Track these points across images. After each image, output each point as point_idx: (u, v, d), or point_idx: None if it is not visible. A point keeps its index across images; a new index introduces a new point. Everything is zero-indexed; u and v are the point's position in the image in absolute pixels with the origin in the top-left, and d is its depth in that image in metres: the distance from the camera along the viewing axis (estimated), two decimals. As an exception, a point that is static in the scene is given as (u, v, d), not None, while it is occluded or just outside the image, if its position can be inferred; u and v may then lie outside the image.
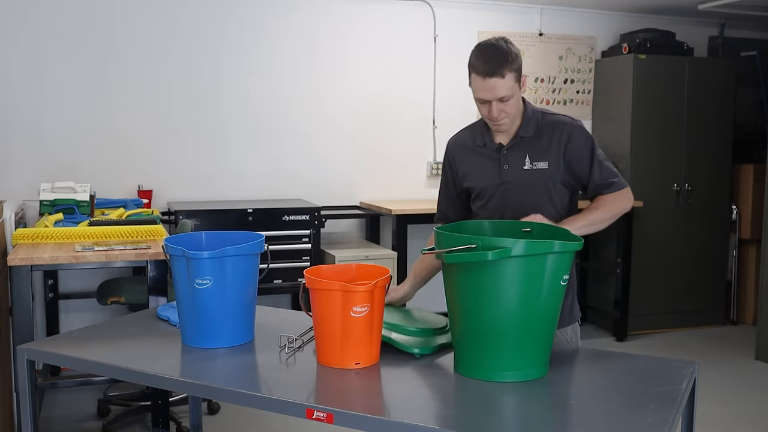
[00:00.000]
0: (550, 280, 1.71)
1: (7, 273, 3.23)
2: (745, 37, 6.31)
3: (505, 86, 2.17)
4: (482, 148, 2.37)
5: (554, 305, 1.77)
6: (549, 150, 2.29)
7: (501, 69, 2.15)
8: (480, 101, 2.23)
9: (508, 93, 2.18)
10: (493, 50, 2.18)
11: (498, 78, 2.16)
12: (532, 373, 1.76)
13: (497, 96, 2.18)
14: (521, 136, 2.31)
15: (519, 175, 2.30)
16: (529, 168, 2.29)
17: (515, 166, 2.31)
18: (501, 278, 1.69)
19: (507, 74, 2.16)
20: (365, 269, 1.98)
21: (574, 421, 1.55)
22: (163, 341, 2.12)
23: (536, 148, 2.30)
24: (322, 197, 5.15)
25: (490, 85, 2.17)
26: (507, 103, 2.21)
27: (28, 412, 2.00)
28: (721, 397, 4.27)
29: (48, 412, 3.99)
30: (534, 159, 2.30)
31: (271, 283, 4.49)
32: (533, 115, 2.32)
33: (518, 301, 1.71)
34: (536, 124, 2.31)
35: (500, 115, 2.22)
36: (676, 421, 1.57)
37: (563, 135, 2.29)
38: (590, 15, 5.88)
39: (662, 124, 5.55)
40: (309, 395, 1.72)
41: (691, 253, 5.75)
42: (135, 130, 4.76)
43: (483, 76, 2.17)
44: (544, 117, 2.33)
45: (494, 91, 2.17)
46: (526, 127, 2.31)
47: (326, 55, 5.17)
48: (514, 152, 2.31)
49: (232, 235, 2.16)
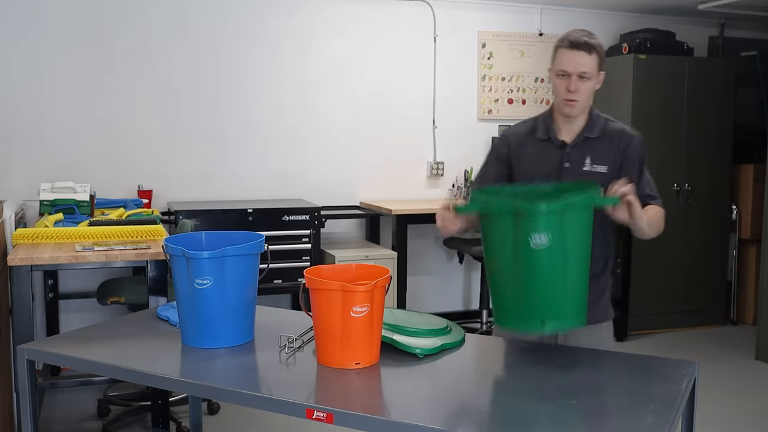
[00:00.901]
0: (514, 236, 1.88)
1: (7, 273, 3.23)
2: (745, 37, 6.31)
3: (588, 63, 2.27)
4: (545, 141, 2.38)
5: (529, 263, 1.88)
6: (609, 155, 2.33)
7: (589, 48, 2.28)
8: (560, 75, 2.30)
9: (589, 70, 2.27)
10: (584, 32, 2.32)
11: (584, 53, 2.27)
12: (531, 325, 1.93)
13: (579, 69, 2.26)
14: (586, 136, 2.34)
15: (579, 175, 2.31)
16: (588, 169, 2.32)
17: (576, 166, 2.33)
18: (487, 232, 1.98)
19: (593, 54, 2.28)
20: (365, 269, 1.98)
21: (574, 420, 1.55)
22: (163, 341, 2.12)
23: (598, 151, 2.34)
24: (322, 197, 5.15)
25: (575, 58, 2.26)
26: (584, 83, 2.28)
27: (28, 412, 2.00)
28: (721, 397, 4.27)
29: (48, 412, 3.99)
30: (595, 161, 2.33)
31: (271, 283, 4.49)
32: (598, 119, 2.38)
33: (500, 255, 1.93)
34: (601, 127, 2.37)
35: (577, 91, 2.28)
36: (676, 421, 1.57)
37: (623, 141, 2.35)
38: (590, 15, 5.88)
39: (662, 124, 5.55)
40: (309, 395, 1.72)
41: (691, 253, 5.75)
42: (135, 130, 4.76)
43: (570, 48, 2.27)
44: (608, 123, 2.40)
45: (578, 65, 2.26)
46: (591, 128, 2.35)
47: (326, 55, 5.17)
48: (577, 151, 2.34)
49: (232, 235, 2.16)
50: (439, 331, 2.07)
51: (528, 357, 2.04)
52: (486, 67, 5.60)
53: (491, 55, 5.60)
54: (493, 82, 5.61)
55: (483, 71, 5.60)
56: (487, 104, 5.63)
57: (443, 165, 5.51)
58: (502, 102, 5.66)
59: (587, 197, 1.96)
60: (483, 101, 5.62)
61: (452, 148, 5.52)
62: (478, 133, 5.57)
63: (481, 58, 5.59)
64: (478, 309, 5.44)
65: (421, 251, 5.47)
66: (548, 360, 2.00)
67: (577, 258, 1.93)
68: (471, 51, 5.55)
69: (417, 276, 5.46)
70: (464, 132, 5.53)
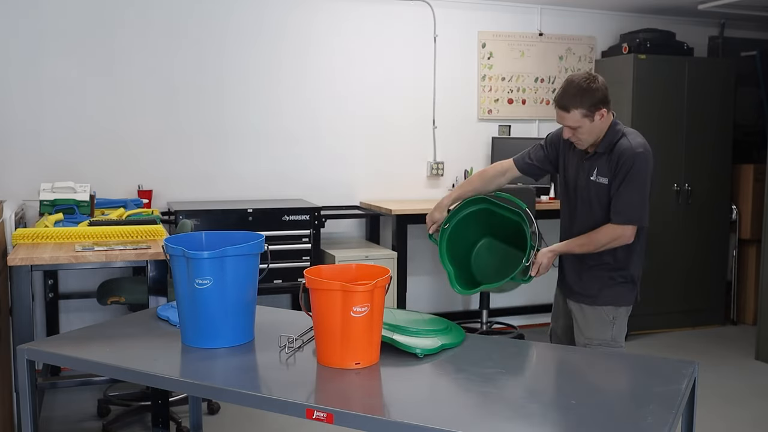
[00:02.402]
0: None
1: (7, 273, 3.23)
2: (745, 37, 6.31)
3: (570, 119, 2.56)
4: (574, 151, 2.75)
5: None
6: (610, 169, 2.63)
7: (567, 104, 2.55)
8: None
9: (574, 125, 2.57)
10: (571, 85, 2.58)
11: (563, 111, 2.57)
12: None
13: (566, 123, 2.60)
14: (596, 151, 2.67)
15: (586, 183, 2.70)
16: (594, 179, 2.67)
17: (587, 174, 2.69)
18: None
19: (572, 110, 2.54)
20: (365, 269, 1.98)
21: (575, 420, 1.55)
22: (163, 341, 2.12)
23: (603, 165, 2.65)
24: (322, 197, 5.15)
25: (559, 114, 2.61)
26: (577, 130, 2.59)
27: (28, 412, 2.00)
28: (721, 397, 4.27)
29: (48, 412, 3.99)
30: (599, 174, 2.66)
31: (271, 283, 4.49)
32: (613, 136, 2.64)
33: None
34: (610, 143, 2.63)
35: (571, 137, 2.63)
36: (676, 421, 1.57)
37: (621, 157, 2.60)
38: (590, 15, 5.88)
39: (662, 124, 5.55)
40: (309, 395, 1.72)
41: (691, 253, 5.74)
42: (135, 130, 4.76)
43: (556, 106, 2.62)
44: (621, 139, 2.64)
45: (562, 120, 2.61)
46: (603, 143, 2.64)
47: (326, 55, 5.17)
48: (590, 163, 2.69)
49: (232, 235, 2.16)
50: (439, 331, 2.07)
51: (528, 357, 2.04)
52: (486, 67, 5.60)
53: (491, 55, 5.59)
54: (493, 82, 5.61)
55: (483, 71, 5.60)
56: (487, 104, 5.63)
57: (443, 165, 5.50)
58: (502, 102, 5.66)
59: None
60: (483, 101, 5.62)
61: (452, 148, 5.52)
62: (478, 133, 5.57)
63: (481, 58, 5.58)
64: (478, 309, 5.43)
65: (421, 251, 5.47)
66: (548, 360, 2.00)
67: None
68: (471, 51, 5.55)
69: (417, 276, 5.46)
70: (464, 132, 5.53)
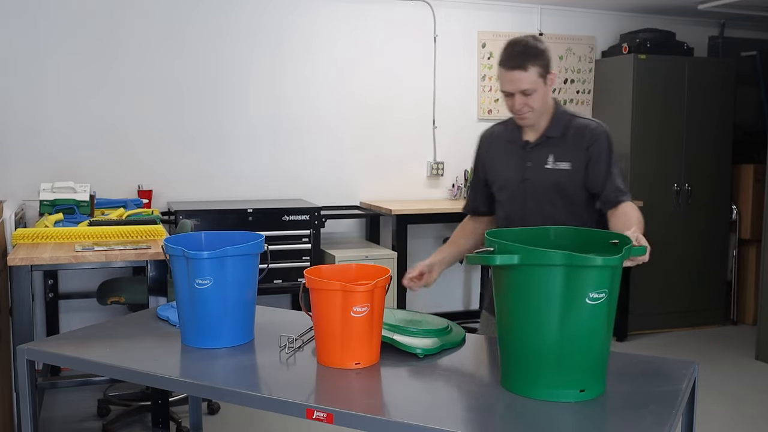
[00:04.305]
0: (568, 294, 1.55)
1: (7, 273, 3.23)
2: (745, 37, 6.31)
3: (527, 79, 2.24)
4: (510, 144, 2.44)
5: (578, 324, 1.57)
6: (573, 152, 2.34)
7: (524, 62, 2.23)
8: (505, 94, 2.32)
9: (530, 86, 2.25)
10: (518, 44, 2.27)
11: (521, 71, 2.23)
12: (564, 394, 1.60)
13: (519, 88, 2.25)
14: (547, 136, 2.36)
15: (540, 173, 2.35)
16: (551, 167, 2.35)
17: (538, 164, 2.36)
18: (511, 287, 1.63)
19: (530, 68, 2.23)
20: (365, 269, 1.98)
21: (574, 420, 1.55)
22: (163, 341, 2.12)
23: (561, 149, 2.35)
24: (322, 197, 5.15)
25: (513, 77, 2.25)
26: (530, 97, 2.27)
27: (28, 412, 2.00)
28: (721, 397, 4.27)
29: (48, 412, 3.99)
30: (558, 159, 2.35)
31: (271, 283, 4.49)
32: (562, 117, 2.39)
33: (524, 314, 1.61)
34: (564, 125, 2.36)
35: (523, 108, 2.29)
36: (676, 421, 1.57)
37: (588, 138, 2.34)
38: (590, 15, 5.88)
39: (662, 124, 5.55)
40: (309, 395, 1.72)
41: (691, 253, 5.75)
42: (135, 130, 4.76)
43: (507, 69, 2.26)
44: (573, 119, 2.39)
45: (516, 83, 2.25)
46: (554, 127, 2.36)
47: (326, 55, 5.17)
48: (539, 150, 2.37)
49: (231, 235, 2.16)
50: (439, 331, 2.07)
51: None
52: (486, 67, 5.60)
53: (491, 55, 5.59)
54: (493, 82, 5.61)
55: (483, 71, 5.60)
56: (487, 104, 5.63)
57: (443, 165, 5.51)
58: (502, 102, 5.60)
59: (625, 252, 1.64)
60: (483, 101, 5.62)
61: (452, 148, 5.52)
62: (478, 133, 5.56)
63: (481, 58, 5.58)
64: (478, 309, 5.44)
65: (421, 251, 5.46)
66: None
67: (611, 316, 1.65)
68: (471, 51, 5.55)
69: (417, 276, 5.45)
70: (464, 132, 5.52)
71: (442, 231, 5.55)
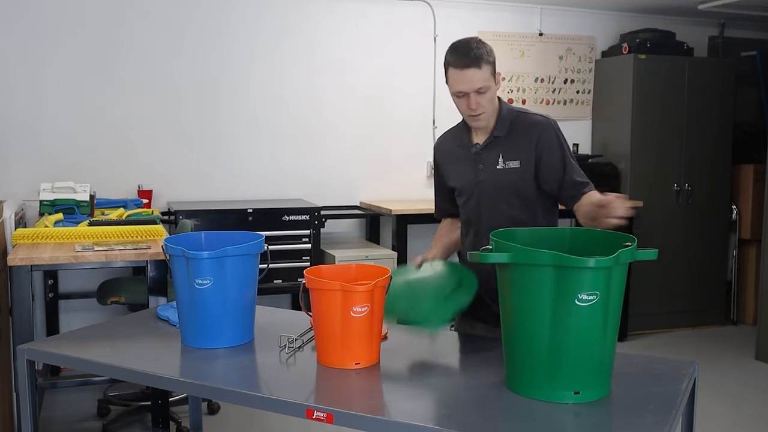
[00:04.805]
0: (558, 295, 1.55)
1: (7, 273, 3.23)
2: (745, 37, 6.31)
3: (482, 77, 2.21)
4: (461, 148, 2.42)
5: (569, 326, 1.57)
6: (521, 149, 2.30)
7: (477, 60, 2.20)
8: (458, 95, 2.27)
9: (485, 84, 2.22)
10: (467, 45, 2.24)
11: (475, 69, 2.20)
12: (559, 395, 1.60)
13: (475, 87, 2.22)
14: (495, 136, 2.33)
15: (492, 174, 2.32)
16: (502, 167, 2.31)
17: (489, 166, 2.33)
18: (507, 286, 1.64)
19: (483, 66, 2.21)
20: (365, 269, 1.98)
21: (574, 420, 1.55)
22: (163, 341, 2.12)
23: (509, 148, 2.31)
24: (322, 197, 5.14)
25: (467, 77, 2.21)
26: (484, 96, 2.24)
27: (28, 412, 2.00)
28: (721, 397, 4.27)
29: (48, 412, 3.99)
30: (507, 158, 2.31)
31: (271, 283, 4.49)
32: (508, 114, 2.34)
33: (519, 314, 1.62)
34: (510, 123, 2.33)
35: (478, 108, 2.25)
36: (676, 421, 1.57)
37: (534, 133, 2.30)
38: (590, 15, 5.88)
39: (662, 124, 5.55)
40: (309, 395, 1.72)
41: (690, 253, 5.75)
42: (135, 130, 4.76)
43: (461, 68, 2.22)
44: (519, 116, 2.35)
45: (472, 82, 2.21)
46: (501, 126, 2.33)
47: (326, 55, 5.17)
48: (489, 152, 2.34)
49: (231, 235, 2.16)
50: (447, 300, 2.05)
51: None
52: (486, 67, 5.60)
53: (491, 55, 5.59)
54: (493, 82, 5.60)
55: (483, 71, 5.59)
56: (487, 104, 5.63)
57: (443, 165, 5.50)
58: (502, 102, 5.66)
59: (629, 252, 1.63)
60: (483, 101, 5.62)
61: (452, 148, 5.52)
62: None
63: (481, 58, 5.58)
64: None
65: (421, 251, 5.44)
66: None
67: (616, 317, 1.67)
68: (471, 51, 5.54)
69: (417, 276, 5.45)
70: (464, 132, 5.53)
71: (442, 231, 5.54)
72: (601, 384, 1.65)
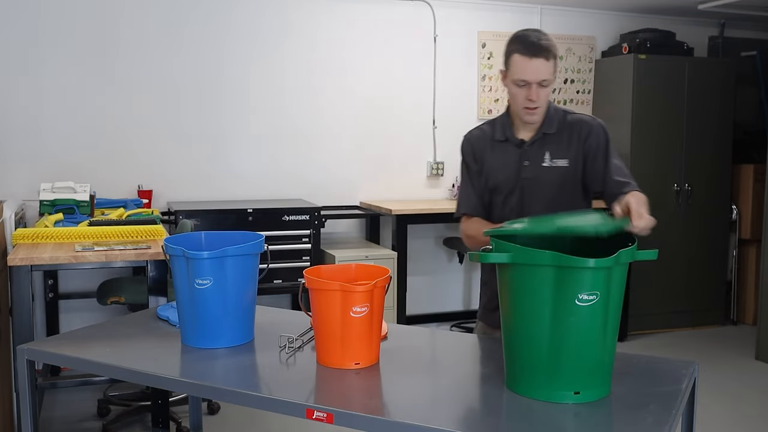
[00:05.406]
0: (558, 295, 1.55)
1: (7, 273, 3.23)
2: (745, 37, 6.31)
3: (548, 70, 2.18)
4: (504, 143, 2.37)
5: (569, 325, 1.57)
6: (570, 148, 2.29)
7: (547, 52, 2.18)
8: (519, 84, 2.22)
9: (549, 77, 2.19)
10: (538, 35, 2.21)
11: (543, 60, 2.17)
12: (558, 395, 1.60)
13: (540, 77, 2.18)
14: (544, 133, 2.30)
15: (538, 172, 2.29)
16: (548, 165, 2.29)
17: (535, 163, 2.30)
18: (507, 286, 1.64)
19: (551, 59, 2.19)
20: (365, 269, 1.98)
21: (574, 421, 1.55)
22: (163, 341, 2.12)
23: (557, 146, 2.30)
24: (322, 197, 5.15)
25: (534, 66, 2.17)
26: (544, 89, 2.21)
27: (28, 412, 2.00)
28: (721, 397, 4.27)
29: (48, 412, 3.99)
30: (554, 156, 2.29)
31: (271, 283, 4.49)
32: (555, 113, 2.33)
33: (519, 314, 1.62)
34: (558, 121, 2.31)
35: (538, 100, 2.21)
36: (676, 421, 1.57)
37: (583, 133, 2.29)
38: (590, 15, 5.88)
39: (662, 124, 5.55)
40: (309, 395, 1.72)
41: (690, 253, 5.75)
42: (135, 130, 4.76)
43: (529, 56, 2.17)
44: (567, 115, 2.34)
45: (538, 72, 2.17)
46: (549, 123, 2.31)
47: (326, 55, 5.17)
48: (536, 148, 2.31)
49: (231, 235, 2.16)
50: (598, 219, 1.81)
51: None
52: (486, 67, 5.60)
53: (491, 55, 5.59)
54: (493, 82, 5.61)
55: (483, 71, 5.60)
56: (487, 104, 5.63)
57: (443, 165, 5.51)
58: (502, 102, 5.66)
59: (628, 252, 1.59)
60: (483, 101, 5.62)
61: (452, 148, 5.49)
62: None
63: (481, 58, 5.59)
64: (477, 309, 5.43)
65: (421, 251, 5.47)
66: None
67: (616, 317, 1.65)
68: (471, 51, 5.55)
69: (417, 276, 5.46)
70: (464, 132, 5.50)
71: (442, 231, 5.55)
72: (601, 384, 1.65)
